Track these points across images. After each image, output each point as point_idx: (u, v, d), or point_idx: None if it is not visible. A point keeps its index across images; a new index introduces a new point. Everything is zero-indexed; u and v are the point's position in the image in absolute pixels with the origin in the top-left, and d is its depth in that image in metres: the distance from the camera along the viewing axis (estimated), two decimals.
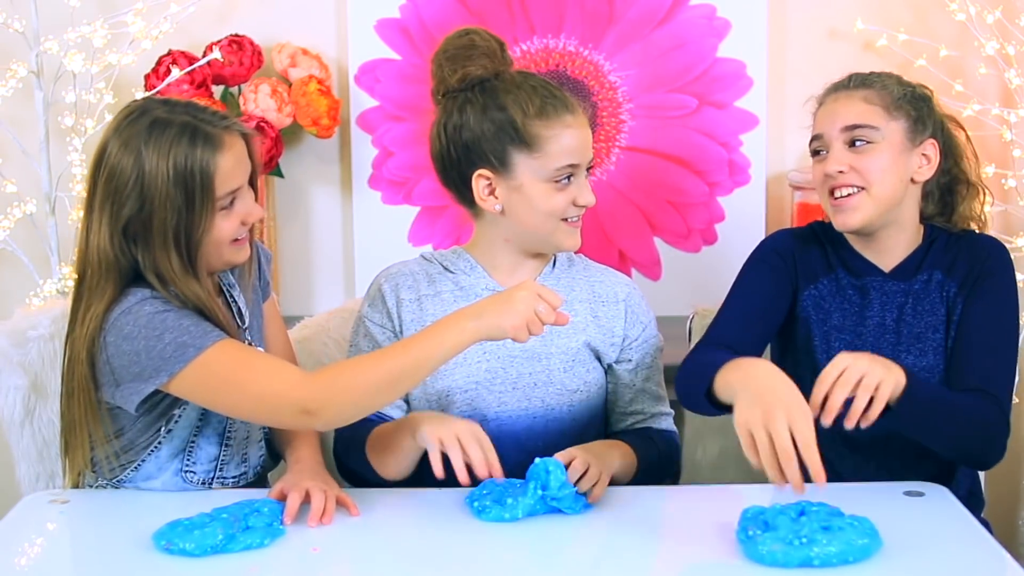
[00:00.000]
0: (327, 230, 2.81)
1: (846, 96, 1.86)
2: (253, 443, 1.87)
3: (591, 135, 1.88)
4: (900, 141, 1.84)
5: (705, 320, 2.15)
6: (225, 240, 1.74)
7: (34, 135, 2.59)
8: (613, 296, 1.94)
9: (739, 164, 2.70)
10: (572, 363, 1.89)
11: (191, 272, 1.70)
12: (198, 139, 1.68)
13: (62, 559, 1.58)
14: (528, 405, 1.88)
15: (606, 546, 1.62)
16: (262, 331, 1.91)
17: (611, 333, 1.93)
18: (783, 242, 1.96)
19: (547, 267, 1.94)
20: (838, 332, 1.88)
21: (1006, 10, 2.54)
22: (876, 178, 1.82)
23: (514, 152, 1.82)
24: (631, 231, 2.74)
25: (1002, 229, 2.63)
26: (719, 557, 1.60)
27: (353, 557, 1.61)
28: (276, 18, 2.71)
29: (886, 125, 1.84)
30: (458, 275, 1.91)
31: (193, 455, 1.80)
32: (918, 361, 1.84)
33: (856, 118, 1.84)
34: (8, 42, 2.61)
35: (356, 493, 1.85)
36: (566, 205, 1.84)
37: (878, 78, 1.88)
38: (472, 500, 1.68)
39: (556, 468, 1.65)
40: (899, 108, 1.85)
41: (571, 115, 1.84)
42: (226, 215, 1.72)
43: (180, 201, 1.67)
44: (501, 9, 2.67)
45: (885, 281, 1.88)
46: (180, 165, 1.67)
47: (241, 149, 1.74)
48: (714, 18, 2.67)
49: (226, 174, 1.70)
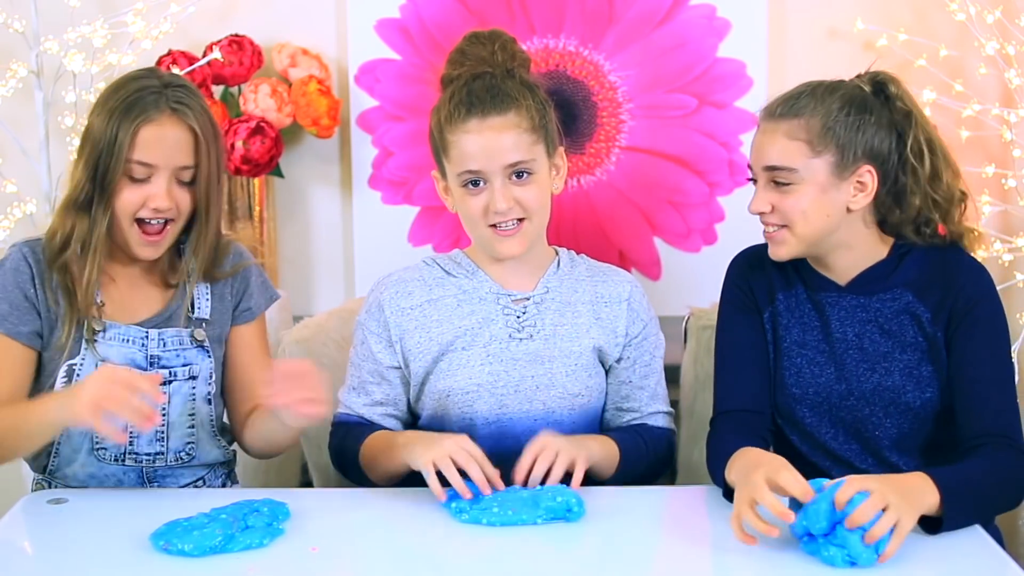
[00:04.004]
0: (327, 230, 2.81)
1: (771, 130, 1.78)
2: (174, 425, 1.85)
3: (517, 139, 1.80)
4: (824, 179, 1.75)
5: (701, 320, 2.15)
6: (126, 212, 1.77)
7: (34, 135, 2.59)
8: (616, 296, 1.93)
9: (739, 164, 2.70)
10: (576, 367, 1.89)
11: (96, 243, 1.76)
12: (140, 104, 1.76)
13: (61, 559, 1.58)
14: (529, 408, 1.87)
15: (606, 547, 1.62)
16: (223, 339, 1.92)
17: (614, 333, 1.92)
18: (737, 272, 1.92)
19: (551, 269, 1.93)
20: (800, 348, 1.84)
21: (1006, 10, 2.54)
22: (797, 218, 1.77)
23: (440, 155, 1.85)
24: (631, 231, 2.74)
25: (1002, 229, 2.63)
26: (719, 557, 1.60)
27: (352, 557, 1.61)
28: (276, 18, 2.72)
29: (806, 164, 1.75)
30: (460, 279, 1.91)
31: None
32: (883, 380, 1.80)
33: (775, 158, 1.77)
34: (8, 42, 2.61)
35: (356, 493, 1.85)
36: (480, 211, 1.82)
37: (811, 99, 1.78)
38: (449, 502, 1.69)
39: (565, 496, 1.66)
40: (825, 141, 1.75)
41: (478, 120, 1.79)
42: (133, 186, 1.77)
43: (102, 147, 1.75)
44: (501, 9, 2.67)
45: (841, 296, 1.83)
46: (113, 116, 1.76)
47: (180, 137, 1.78)
48: (714, 18, 2.67)
49: (145, 143, 1.75)
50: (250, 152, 2.54)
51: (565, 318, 1.90)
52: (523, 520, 1.63)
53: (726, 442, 1.76)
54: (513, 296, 1.89)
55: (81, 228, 1.78)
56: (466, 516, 1.65)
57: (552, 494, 1.65)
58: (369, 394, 1.91)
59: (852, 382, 1.81)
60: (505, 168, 1.80)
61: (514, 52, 1.87)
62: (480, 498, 1.67)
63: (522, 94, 1.82)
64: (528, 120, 1.81)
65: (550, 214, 1.89)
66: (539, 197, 1.84)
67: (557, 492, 1.66)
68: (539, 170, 1.83)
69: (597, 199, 2.74)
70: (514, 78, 1.85)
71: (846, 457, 1.82)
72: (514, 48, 1.88)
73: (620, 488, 1.81)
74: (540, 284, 1.91)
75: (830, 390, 1.82)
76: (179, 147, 1.78)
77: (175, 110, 1.78)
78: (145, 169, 1.77)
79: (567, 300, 1.91)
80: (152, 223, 1.79)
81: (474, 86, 1.82)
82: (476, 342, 1.87)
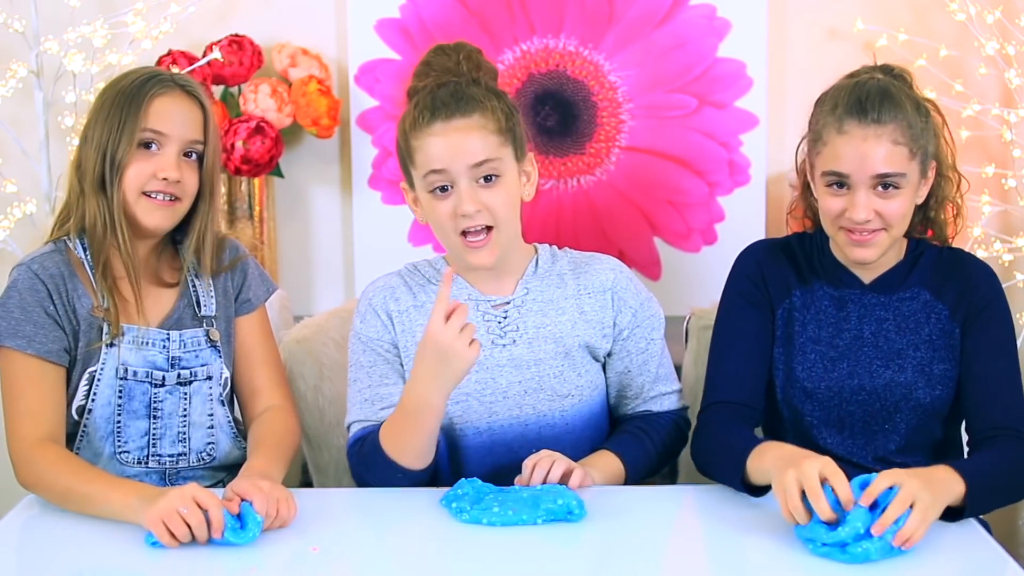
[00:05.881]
0: (327, 230, 2.81)
1: (875, 136, 1.74)
2: (196, 426, 1.86)
3: (483, 140, 1.77)
4: (917, 179, 1.78)
5: (702, 321, 2.15)
6: (134, 185, 1.78)
7: (34, 135, 2.59)
8: (598, 286, 1.89)
9: (739, 164, 2.70)
10: (563, 368, 1.87)
11: (114, 222, 1.77)
12: (152, 80, 1.80)
13: (61, 559, 1.58)
14: (520, 413, 1.86)
15: (606, 547, 1.62)
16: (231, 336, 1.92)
17: (601, 324, 1.89)
18: (751, 263, 1.91)
19: (529, 270, 1.89)
20: (814, 344, 1.85)
21: (1006, 10, 2.54)
22: (898, 221, 1.78)
23: (407, 163, 1.84)
24: (631, 231, 2.74)
25: (1002, 229, 2.63)
26: (720, 557, 1.60)
27: (352, 557, 1.61)
28: (276, 18, 2.72)
29: (910, 168, 1.76)
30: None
31: (123, 434, 1.81)
32: (896, 376, 1.82)
33: (888, 165, 1.74)
34: (8, 42, 2.61)
35: (356, 493, 1.85)
36: (448, 216, 1.78)
37: (898, 102, 1.76)
38: (449, 501, 1.69)
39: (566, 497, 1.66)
40: (918, 143, 1.76)
41: (442, 123, 1.77)
42: (143, 158, 1.78)
43: (114, 116, 1.78)
44: (501, 9, 2.67)
45: (864, 294, 1.85)
46: (124, 89, 1.79)
47: (191, 111, 1.82)
48: (714, 18, 2.67)
49: (159, 112, 1.79)
50: (250, 152, 2.54)
51: (548, 318, 1.87)
52: (523, 520, 1.63)
53: (728, 431, 1.76)
54: (492, 301, 1.87)
55: (104, 207, 1.79)
56: (466, 516, 1.65)
57: (553, 496, 1.65)
58: (384, 398, 1.85)
59: (864, 378, 1.83)
60: (471, 168, 1.77)
61: (479, 62, 1.85)
62: (480, 498, 1.67)
63: (487, 98, 1.80)
64: (494, 122, 1.78)
65: (521, 222, 1.85)
66: (507, 202, 1.79)
67: (558, 494, 1.65)
68: (506, 173, 1.80)
69: (597, 199, 2.74)
70: (479, 85, 1.82)
71: (843, 454, 1.83)
72: (479, 59, 1.85)
73: (620, 488, 1.81)
74: (519, 287, 1.88)
75: (842, 385, 1.83)
76: (190, 120, 1.82)
77: (185, 87, 1.82)
78: (157, 137, 1.79)
79: (549, 299, 1.88)
80: (158, 197, 1.80)
81: (438, 93, 1.80)
82: None
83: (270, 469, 1.74)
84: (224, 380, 1.89)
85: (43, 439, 1.73)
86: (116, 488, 1.65)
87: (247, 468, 1.75)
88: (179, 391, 1.84)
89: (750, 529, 1.62)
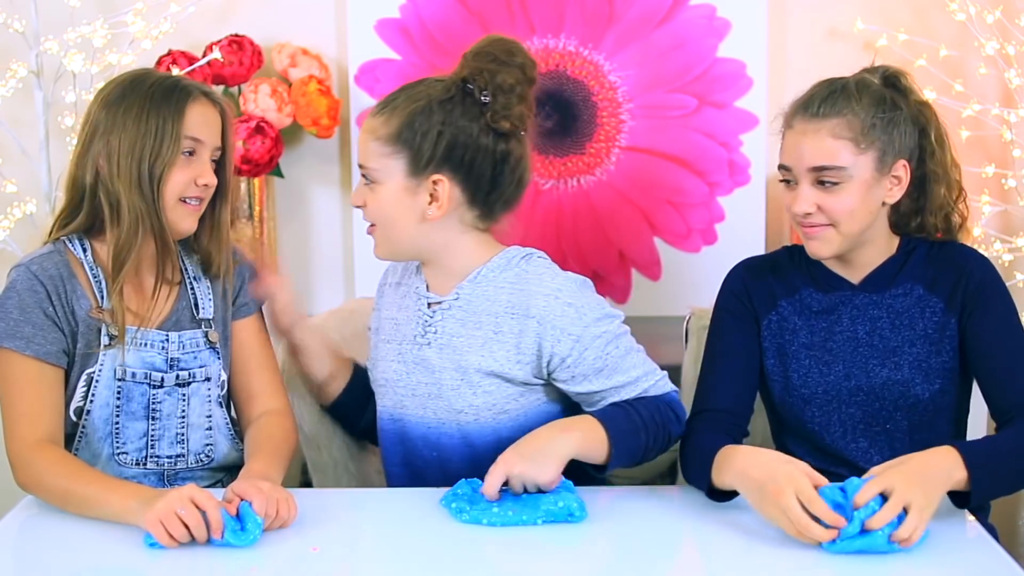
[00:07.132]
0: (327, 230, 2.81)
1: (814, 129, 1.75)
2: (194, 427, 1.86)
3: (221, 121, 1.84)
4: (870, 175, 1.76)
5: (702, 321, 2.14)
6: (175, 192, 1.79)
7: (34, 135, 2.59)
8: (525, 310, 1.76)
9: (739, 164, 2.70)
10: (460, 383, 1.81)
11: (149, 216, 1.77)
12: (176, 89, 1.80)
13: (60, 560, 1.58)
14: (423, 414, 1.85)
15: (607, 547, 1.62)
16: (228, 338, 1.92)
17: (517, 349, 1.78)
18: (736, 280, 1.93)
19: (472, 274, 1.81)
20: (807, 349, 1.85)
21: (1006, 10, 2.54)
22: (844, 217, 1.77)
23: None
24: (631, 231, 2.74)
25: (1002, 229, 2.63)
26: (720, 557, 1.60)
27: (352, 557, 1.61)
28: (276, 18, 2.72)
29: (855, 162, 1.75)
30: (413, 273, 1.91)
31: (121, 436, 1.81)
32: (893, 374, 1.81)
33: (823, 158, 1.75)
34: (8, 42, 2.61)
35: (356, 493, 1.85)
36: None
37: (848, 97, 1.77)
38: (449, 501, 1.69)
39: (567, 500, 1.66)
40: (869, 137, 1.75)
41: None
42: (186, 162, 1.79)
43: (151, 121, 1.76)
44: (501, 9, 2.67)
45: (855, 294, 1.85)
46: (154, 94, 1.78)
47: (215, 117, 1.83)
48: (714, 18, 2.67)
49: (197, 120, 1.79)
50: (250, 152, 2.54)
51: (466, 328, 1.80)
52: (523, 520, 1.63)
53: (705, 439, 1.76)
54: (430, 299, 1.85)
55: (144, 210, 1.78)
56: (466, 516, 1.65)
57: (553, 498, 1.65)
58: None
59: (861, 378, 1.82)
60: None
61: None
62: (480, 498, 1.67)
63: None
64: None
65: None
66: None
67: (558, 496, 1.66)
68: (386, 181, 1.78)
69: (597, 199, 2.74)
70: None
71: (852, 458, 1.83)
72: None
73: (620, 488, 1.81)
74: (454, 290, 1.83)
75: (839, 387, 1.83)
76: (216, 126, 1.83)
77: (205, 93, 1.83)
78: (196, 144, 1.80)
79: (473, 310, 1.80)
80: (192, 202, 1.82)
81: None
82: (395, 338, 1.88)
83: (269, 471, 1.74)
84: (222, 382, 1.89)
85: (42, 440, 1.73)
86: (115, 490, 1.65)
87: (246, 471, 1.75)
88: (178, 392, 1.84)
89: (751, 529, 1.62)
